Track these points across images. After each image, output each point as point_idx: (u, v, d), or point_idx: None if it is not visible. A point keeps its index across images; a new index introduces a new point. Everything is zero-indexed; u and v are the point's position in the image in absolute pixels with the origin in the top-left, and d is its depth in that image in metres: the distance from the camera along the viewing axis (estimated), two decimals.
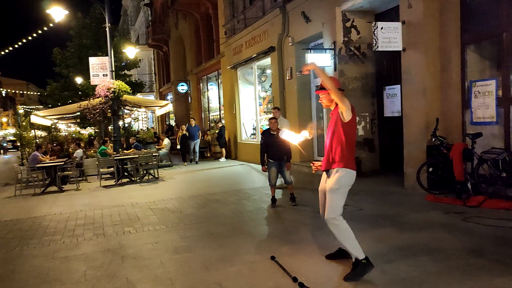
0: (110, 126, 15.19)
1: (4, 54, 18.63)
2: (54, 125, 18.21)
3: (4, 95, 57.01)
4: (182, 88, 22.30)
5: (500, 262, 3.85)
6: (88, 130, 24.05)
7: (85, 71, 18.72)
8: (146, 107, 16.11)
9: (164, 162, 14.88)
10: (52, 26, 15.68)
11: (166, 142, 16.04)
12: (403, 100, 7.72)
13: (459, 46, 6.90)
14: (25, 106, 47.17)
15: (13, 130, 40.89)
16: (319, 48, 10.11)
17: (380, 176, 9.09)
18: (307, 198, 7.31)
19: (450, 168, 6.53)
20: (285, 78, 11.89)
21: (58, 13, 12.43)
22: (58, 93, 23.93)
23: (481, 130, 6.56)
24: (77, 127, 25.87)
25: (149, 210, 7.35)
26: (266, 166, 7.05)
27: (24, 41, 17.45)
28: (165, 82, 28.87)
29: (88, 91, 18.35)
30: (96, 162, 11.81)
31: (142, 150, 13.85)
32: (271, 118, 7.14)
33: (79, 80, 21.63)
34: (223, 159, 15.57)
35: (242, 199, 7.87)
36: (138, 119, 25.33)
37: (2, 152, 38.09)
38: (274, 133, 6.74)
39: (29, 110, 37.98)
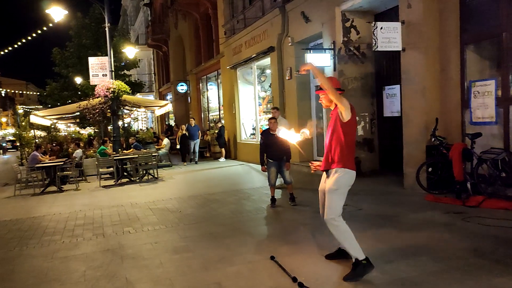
0: (109, 126, 15.19)
1: (3, 54, 18.60)
2: (53, 125, 18.19)
3: (3, 95, 56.93)
4: (182, 88, 22.29)
5: (499, 262, 3.85)
6: (87, 130, 24.04)
7: (84, 71, 18.71)
8: (146, 107, 16.11)
9: (163, 162, 14.89)
10: (51, 26, 15.66)
11: (166, 142, 16.04)
12: (403, 100, 7.72)
13: (459, 46, 6.91)
14: (24, 106, 47.14)
15: (12, 130, 40.91)
16: (319, 48, 10.11)
17: (379, 176, 9.09)
18: (307, 198, 7.31)
19: (450, 168, 6.53)
20: (284, 78, 11.89)
21: (57, 13, 12.42)
22: (57, 93, 23.92)
23: (480, 130, 6.56)
24: (76, 127, 25.86)
25: (148, 210, 7.35)
26: (265, 166, 7.06)
27: (23, 41, 17.42)
28: (164, 82, 28.87)
29: (87, 91, 18.35)
30: (95, 162, 11.81)
31: (142, 150, 13.85)
32: (271, 118, 7.14)
33: (79, 80, 21.62)
34: (223, 159, 15.57)
35: (242, 199, 7.87)
36: (138, 119, 25.33)
37: (2, 152, 38.11)
38: (274, 133, 6.73)
39: (28, 110, 37.95)
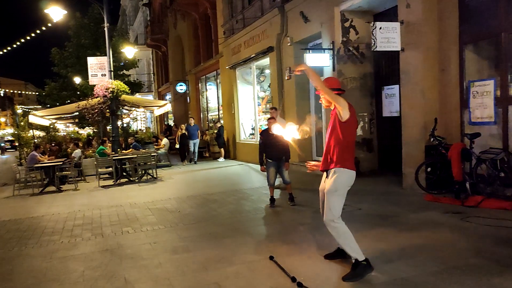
0: (108, 126, 15.19)
1: (2, 54, 18.54)
2: (52, 125, 18.19)
3: (2, 95, 56.85)
4: (181, 88, 22.28)
5: (499, 262, 3.85)
6: (86, 130, 24.04)
7: (83, 71, 18.69)
8: (145, 107, 16.11)
9: (162, 162, 14.88)
10: (50, 26, 15.60)
11: (165, 142, 16.04)
12: (402, 100, 7.72)
13: (458, 46, 6.92)
14: (23, 106, 47.13)
15: (11, 130, 40.90)
16: (318, 48, 10.11)
17: (378, 176, 9.10)
18: (306, 198, 7.31)
19: (449, 168, 6.54)
20: (283, 78, 11.89)
21: (56, 13, 12.41)
22: (56, 93, 23.89)
23: (479, 130, 6.56)
24: (75, 127, 25.84)
25: (147, 210, 7.34)
26: (264, 166, 7.06)
27: (22, 41, 17.36)
28: (163, 82, 28.85)
29: (86, 91, 18.33)
30: (94, 162, 11.81)
31: (141, 150, 13.85)
32: (270, 118, 7.15)
33: (78, 80, 21.61)
34: (222, 159, 15.56)
35: (241, 199, 7.87)
36: (137, 119, 25.31)
37: (0, 152, 38.06)
38: (273, 133, 6.74)
39: (27, 110, 37.95)
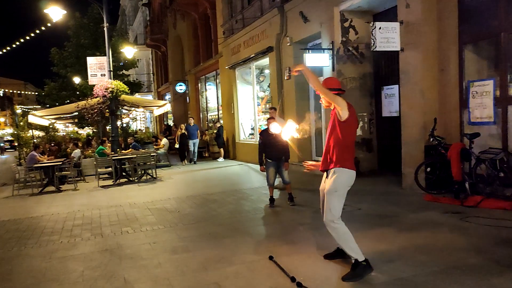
0: (108, 126, 15.18)
1: (1, 53, 18.54)
2: (52, 125, 18.18)
3: (1, 95, 56.82)
4: (180, 88, 22.28)
5: (498, 262, 3.86)
6: (86, 130, 24.02)
7: (83, 71, 18.70)
8: (144, 107, 16.10)
9: (162, 162, 14.88)
10: (50, 26, 15.61)
11: (164, 142, 16.03)
12: (401, 100, 7.73)
13: (457, 46, 6.92)
14: (22, 106, 47.10)
15: (10, 130, 40.87)
16: (317, 48, 10.11)
17: (378, 176, 9.10)
18: (306, 198, 7.31)
19: (448, 168, 6.54)
20: (283, 78, 11.89)
21: (56, 13, 12.40)
22: (56, 93, 23.89)
23: (478, 130, 6.57)
24: (75, 127, 25.83)
25: (147, 210, 7.34)
26: (264, 166, 7.06)
27: (22, 40, 17.36)
28: (163, 82, 28.84)
29: (86, 91, 18.33)
30: (94, 162, 11.80)
31: (140, 150, 13.84)
32: (269, 118, 7.15)
33: (77, 80, 21.60)
34: (221, 159, 15.56)
35: (240, 199, 7.87)
36: (136, 119, 25.31)
37: (0, 152, 38.00)
38: (272, 133, 6.74)
39: (26, 110, 37.91)
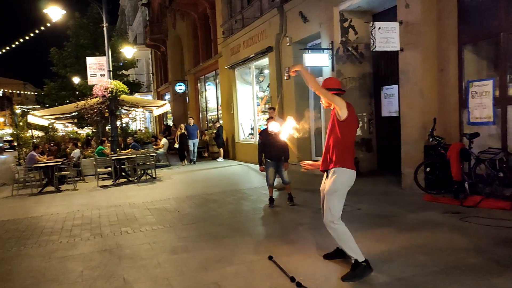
0: (107, 126, 15.16)
1: (1, 53, 18.53)
2: (51, 125, 18.17)
3: (1, 95, 56.78)
4: (180, 88, 22.28)
5: (498, 262, 3.86)
6: (85, 130, 24.01)
7: (82, 71, 18.68)
8: (144, 107, 16.07)
9: (161, 162, 14.87)
10: (49, 25, 15.59)
11: (164, 142, 16.03)
12: (401, 100, 7.73)
13: (457, 46, 6.92)
14: (22, 106, 47.02)
15: (10, 130, 40.83)
16: (317, 48, 10.11)
17: (378, 176, 9.10)
18: (305, 198, 7.31)
19: (448, 168, 6.54)
20: (282, 78, 11.88)
21: (55, 12, 12.38)
22: (55, 93, 23.89)
23: (478, 130, 6.57)
24: (74, 127, 25.81)
25: (146, 210, 7.34)
26: (264, 166, 7.06)
27: (21, 40, 17.35)
28: (162, 82, 28.83)
29: (85, 91, 18.31)
30: (93, 162, 11.79)
31: (140, 150, 13.83)
32: (269, 118, 7.15)
33: (77, 80, 21.59)
34: (221, 159, 15.56)
35: (240, 199, 7.87)
36: (136, 119, 25.29)
37: None
38: (272, 133, 6.74)
39: (26, 110, 37.88)
